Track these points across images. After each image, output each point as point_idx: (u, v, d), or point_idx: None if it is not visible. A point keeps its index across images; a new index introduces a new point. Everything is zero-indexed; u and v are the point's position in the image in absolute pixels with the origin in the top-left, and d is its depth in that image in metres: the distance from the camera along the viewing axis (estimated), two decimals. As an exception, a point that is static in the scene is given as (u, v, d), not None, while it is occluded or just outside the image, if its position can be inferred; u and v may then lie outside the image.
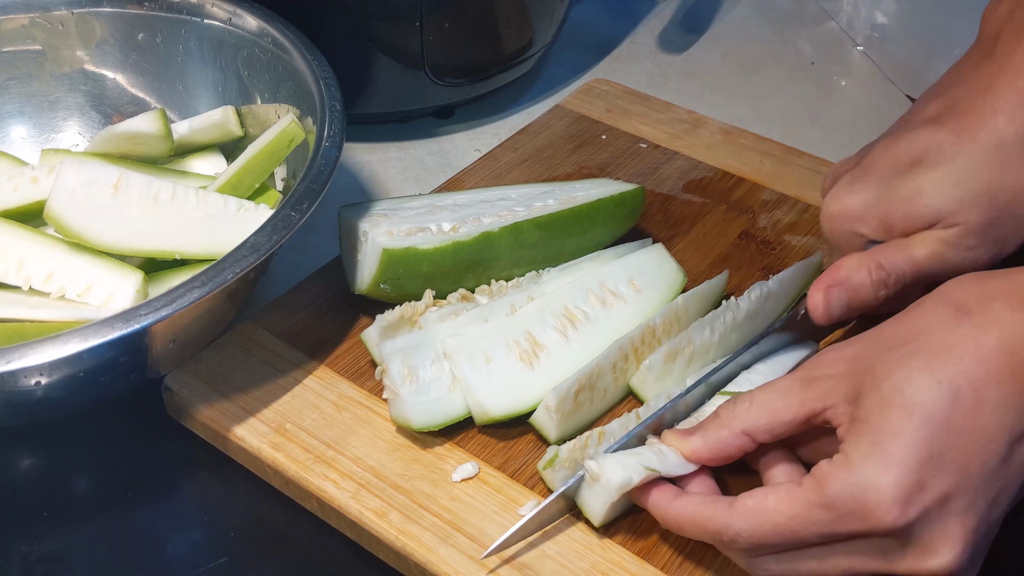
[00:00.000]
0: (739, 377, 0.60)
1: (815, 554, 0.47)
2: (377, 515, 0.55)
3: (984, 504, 0.45)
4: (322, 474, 0.56)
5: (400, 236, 0.62)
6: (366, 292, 0.64)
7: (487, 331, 0.60)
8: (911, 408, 0.45)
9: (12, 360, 0.49)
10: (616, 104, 0.87)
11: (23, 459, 0.62)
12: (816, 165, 0.80)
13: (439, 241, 0.63)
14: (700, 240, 0.74)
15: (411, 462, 0.57)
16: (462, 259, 0.63)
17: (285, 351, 0.63)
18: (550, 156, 0.81)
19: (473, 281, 0.65)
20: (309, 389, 0.61)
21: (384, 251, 0.61)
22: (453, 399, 0.58)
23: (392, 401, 0.58)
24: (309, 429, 0.59)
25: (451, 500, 0.55)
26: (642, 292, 0.64)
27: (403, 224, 0.64)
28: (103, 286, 0.59)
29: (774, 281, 0.65)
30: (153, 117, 0.70)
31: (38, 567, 0.56)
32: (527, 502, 0.55)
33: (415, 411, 0.57)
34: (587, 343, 0.61)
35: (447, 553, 0.53)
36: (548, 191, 0.69)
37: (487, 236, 0.64)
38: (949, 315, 0.47)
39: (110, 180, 0.61)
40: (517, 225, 0.65)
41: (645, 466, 0.52)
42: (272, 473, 0.58)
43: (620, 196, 0.68)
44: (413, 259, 0.62)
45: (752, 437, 0.51)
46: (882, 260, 0.56)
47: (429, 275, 0.63)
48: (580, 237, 0.67)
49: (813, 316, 0.57)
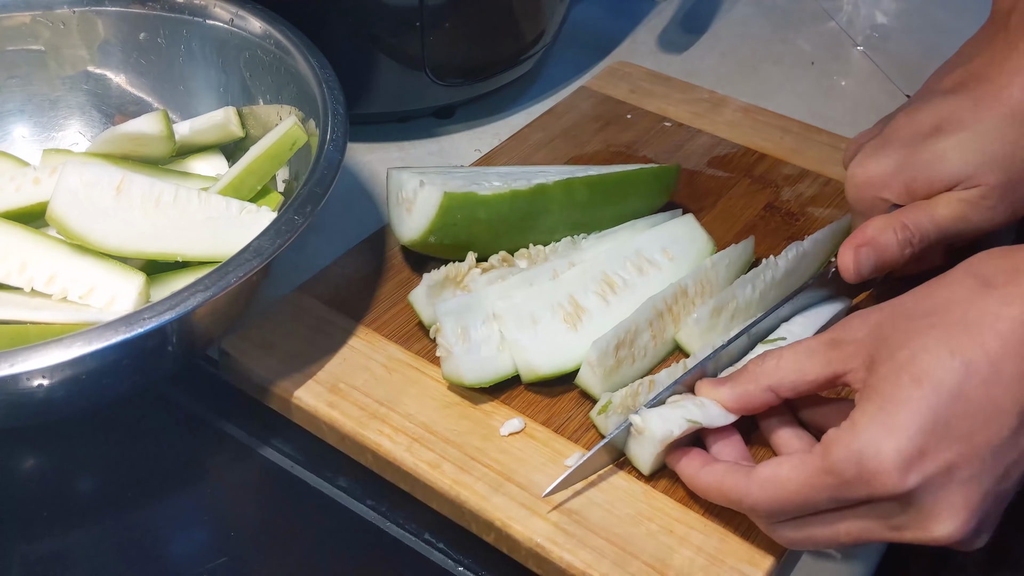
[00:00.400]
0: (779, 329, 0.63)
1: (827, 520, 0.49)
2: (431, 466, 0.57)
3: (991, 477, 0.45)
4: (377, 429, 0.59)
5: (456, 188, 0.65)
6: (417, 241, 0.66)
7: (533, 295, 0.63)
8: (921, 377, 0.46)
9: (15, 363, 0.49)
10: (640, 85, 0.90)
11: (24, 459, 0.62)
12: (835, 141, 0.83)
13: (495, 190, 0.66)
14: (726, 212, 0.77)
15: (460, 418, 0.60)
16: (518, 208, 0.66)
17: (334, 317, 0.66)
18: (577, 135, 0.84)
19: (522, 237, 0.68)
20: (359, 352, 0.64)
21: (445, 194, 0.64)
22: (502, 358, 0.61)
23: (445, 359, 0.60)
24: (362, 388, 0.61)
25: (500, 453, 0.58)
26: (675, 260, 0.68)
27: (455, 180, 0.67)
28: (105, 288, 0.59)
29: (809, 241, 0.68)
30: (155, 118, 0.70)
31: (38, 567, 0.56)
32: (572, 454, 0.58)
33: (468, 368, 0.59)
34: (625, 307, 0.64)
35: (500, 501, 0.55)
36: (585, 169, 0.72)
37: (542, 188, 0.67)
38: (973, 288, 0.48)
39: (113, 182, 0.62)
40: (570, 181, 0.68)
41: (687, 419, 0.55)
42: (328, 430, 0.60)
43: (656, 170, 0.72)
44: (472, 204, 0.65)
45: (777, 393, 0.53)
46: (907, 220, 0.60)
47: (484, 222, 0.65)
48: (620, 205, 0.70)
49: (844, 275, 0.61)
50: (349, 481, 0.61)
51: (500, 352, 0.61)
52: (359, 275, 0.69)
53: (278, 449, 0.62)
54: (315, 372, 0.62)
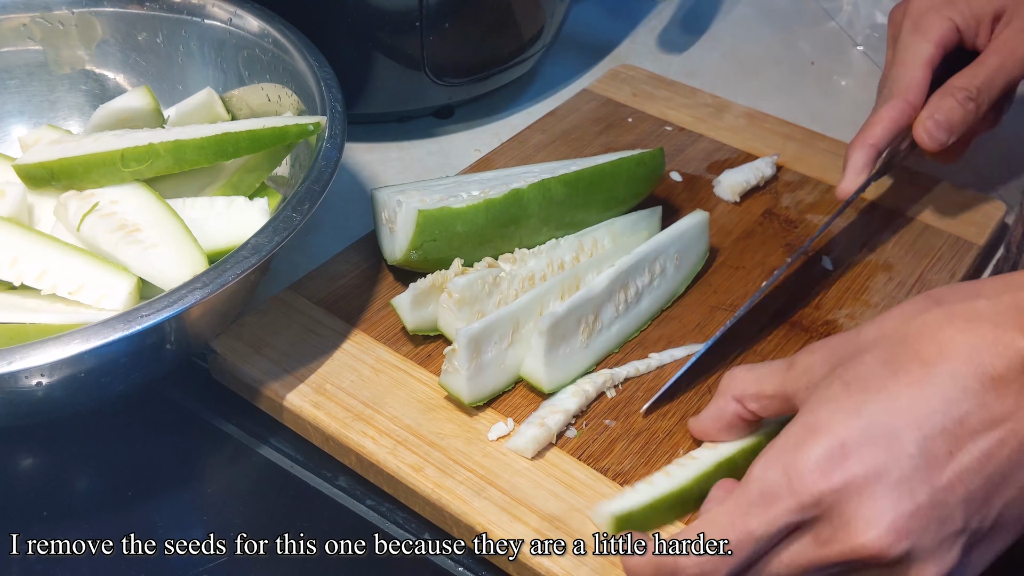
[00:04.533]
0: None
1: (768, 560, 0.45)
2: (414, 469, 0.57)
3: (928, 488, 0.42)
4: (361, 431, 0.59)
5: (433, 203, 0.65)
6: (401, 260, 0.66)
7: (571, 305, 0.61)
8: (851, 382, 0.45)
9: (14, 361, 0.49)
10: (642, 88, 0.90)
11: (23, 459, 0.62)
12: (837, 148, 0.83)
13: (471, 200, 0.66)
14: (724, 218, 0.76)
15: (445, 422, 0.60)
16: (494, 217, 0.66)
17: (324, 317, 0.66)
18: (577, 138, 0.84)
19: (506, 243, 0.67)
20: (347, 353, 0.64)
21: (420, 212, 0.63)
22: (501, 376, 0.61)
23: (449, 373, 0.59)
24: (348, 389, 0.61)
25: (484, 456, 0.58)
26: (679, 268, 0.68)
27: (434, 195, 0.67)
28: (96, 286, 0.59)
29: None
30: (140, 93, 0.71)
31: (38, 567, 0.56)
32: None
33: (469, 390, 0.59)
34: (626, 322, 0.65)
35: (481, 505, 0.55)
36: (570, 163, 0.72)
37: (516, 193, 0.66)
38: (923, 306, 0.46)
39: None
40: (545, 182, 0.67)
41: None
42: (313, 430, 0.60)
43: (640, 156, 0.71)
44: (447, 219, 0.64)
45: (743, 403, 0.53)
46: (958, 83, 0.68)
47: (463, 235, 0.65)
48: (605, 196, 0.70)
49: (927, 146, 0.68)
50: (349, 481, 0.60)
51: (501, 372, 0.61)
52: (350, 276, 0.69)
53: (277, 449, 0.62)
54: (302, 372, 0.62)
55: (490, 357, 0.60)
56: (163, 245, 0.60)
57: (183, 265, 0.60)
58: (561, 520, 0.54)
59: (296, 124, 0.64)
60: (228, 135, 0.63)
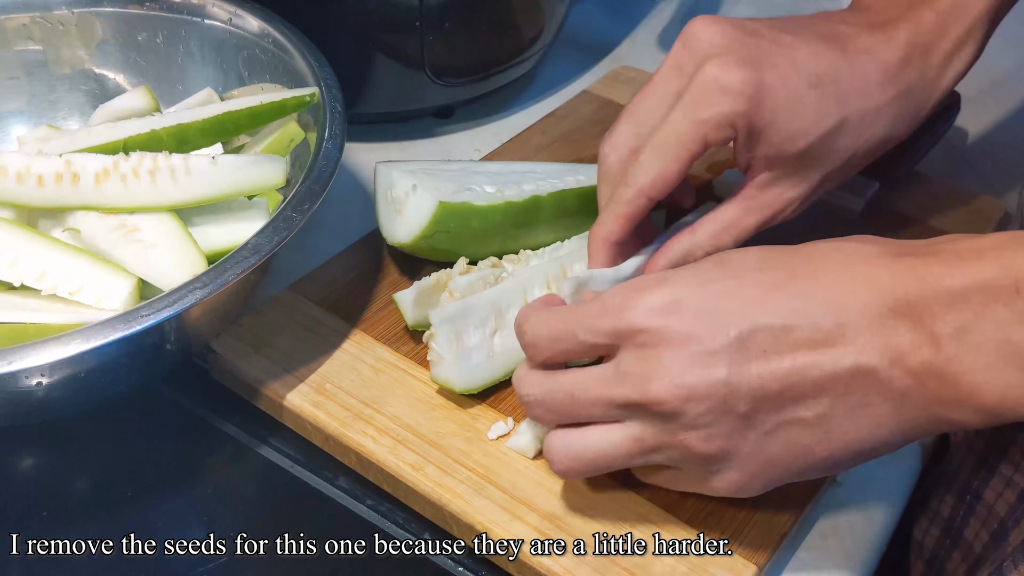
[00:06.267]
0: None
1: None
2: (414, 468, 0.57)
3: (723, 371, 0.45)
4: (361, 430, 0.59)
5: (449, 193, 0.65)
6: (407, 244, 0.65)
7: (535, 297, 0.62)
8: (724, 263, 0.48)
9: (14, 361, 0.49)
10: None
11: (23, 459, 0.62)
12: None
13: (491, 199, 0.66)
14: None
15: (446, 421, 0.60)
16: (511, 218, 0.66)
17: (324, 317, 0.66)
18: (578, 139, 0.83)
19: (513, 243, 0.68)
20: (347, 352, 0.63)
21: (441, 204, 0.63)
22: (492, 364, 0.60)
23: (436, 364, 0.59)
24: (348, 389, 0.61)
25: (484, 456, 0.58)
26: None
27: (447, 183, 0.66)
28: (96, 286, 0.59)
29: None
30: (140, 93, 0.71)
31: (38, 567, 0.56)
32: None
33: (458, 375, 0.59)
34: None
35: (481, 504, 0.55)
36: (574, 169, 0.72)
37: (536, 200, 0.67)
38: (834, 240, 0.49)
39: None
40: (563, 192, 0.68)
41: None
42: (312, 430, 0.60)
43: None
44: (466, 214, 0.64)
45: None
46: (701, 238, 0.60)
47: (476, 231, 0.65)
48: None
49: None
50: (349, 481, 0.60)
51: (491, 359, 0.60)
52: (351, 275, 0.69)
53: (277, 449, 0.62)
54: (302, 372, 0.62)
55: (474, 342, 0.60)
56: (163, 245, 0.60)
57: (183, 265, 0.60)
58: (561, 519, 0.54)
59: (293, 96, 0.66)
60: (229, 114, 0.65)
